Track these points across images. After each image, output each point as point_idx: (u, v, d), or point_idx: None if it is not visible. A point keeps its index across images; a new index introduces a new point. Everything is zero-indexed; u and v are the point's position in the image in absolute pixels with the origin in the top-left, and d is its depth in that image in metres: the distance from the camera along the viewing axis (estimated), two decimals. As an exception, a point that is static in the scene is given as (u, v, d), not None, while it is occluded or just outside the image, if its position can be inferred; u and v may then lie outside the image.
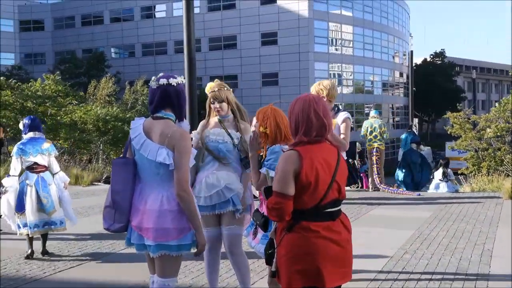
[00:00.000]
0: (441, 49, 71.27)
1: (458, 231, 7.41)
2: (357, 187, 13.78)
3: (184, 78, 4.10)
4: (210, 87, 4.36)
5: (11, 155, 6.62)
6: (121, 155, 3.52)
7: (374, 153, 12.04)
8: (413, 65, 62.69)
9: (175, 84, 3.28)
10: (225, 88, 4.29)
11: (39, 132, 6.56)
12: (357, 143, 16.02)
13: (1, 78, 20.92)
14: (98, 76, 36.31)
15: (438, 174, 12.47)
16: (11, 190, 6.50)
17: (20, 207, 6.36)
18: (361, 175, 15.04)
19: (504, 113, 16.58)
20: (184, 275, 5.53)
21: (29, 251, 6.39)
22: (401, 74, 59.71)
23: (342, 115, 5.23)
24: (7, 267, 6.04)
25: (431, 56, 69.93)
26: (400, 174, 13.17)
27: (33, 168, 6.44)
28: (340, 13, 50.57)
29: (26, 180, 6.40)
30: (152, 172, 3.23)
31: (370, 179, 12.33)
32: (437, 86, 62.18)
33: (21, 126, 6.66)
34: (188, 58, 10.99)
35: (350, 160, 5.70)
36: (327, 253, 2.81)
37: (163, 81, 3.29)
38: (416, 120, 41.79)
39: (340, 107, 5.44)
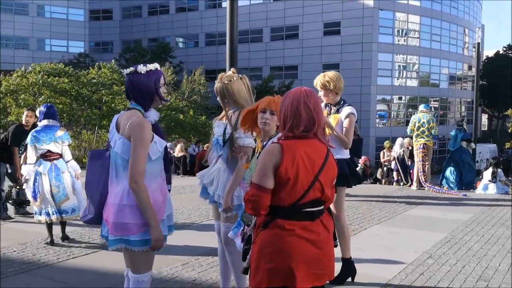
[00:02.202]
0: (515, 41, 67.75)
1: (494, 236, 6.93)
2: (402, 184, 13.31)
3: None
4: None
5: (25, 143, 6.72)
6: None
7: (421, 150, 11.54)
8: (484, 58, 59.85)
9: (126, 74, 3.23)
10: (225, 81, 4.10)
11: (53, 120, 6.63)
12: (406, 139, 15.45)
13: (60, 64, 21.66)
14: (162, 66, 37.07)
15: (487, 174, 11.77)
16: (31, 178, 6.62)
17: (34, 194, 6.48)
18: (410, 172, 14.53)
19: None
20: (192, 268, 5.48)
21: (49, 239, 6.51)
22: (469, 67, 57.21)
23: (346, 110, 4.87)
24: (25, 251, 6.19)
25: (504, 49, 66.58)
26: (447, 173, 12.57)
27: (46, 155, 6.52)
28: (407, 3, 48.96)
29: (40, 168, 6.48)
30: (119, 164, 3.21)
31: (415, 177, 11.84)
32: (509, 81, 59.17)
33: (37, 113, 6.77)
34: (230, 51, 10.82)
35: (355, 159, 5.36)
36: (301, 253, 2.69)
37: (124, 72, 3.27)
38: (482, 116, 39.95)
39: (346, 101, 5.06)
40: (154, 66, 3.22)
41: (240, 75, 4.14)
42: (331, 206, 4.80)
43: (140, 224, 3.10)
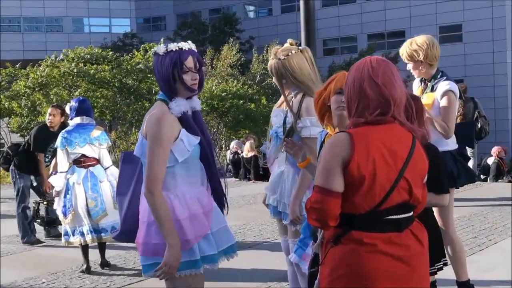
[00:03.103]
0: None
1: None
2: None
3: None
4: None
5: (55, 146, 6.98)
6: None
7: None
8: None
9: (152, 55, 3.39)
10: (282, 56, 4.13)
11: (88, 117, 6.84)
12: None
13: (96, 49, 22.48)
14: (226, 44, 37.57)
15: None
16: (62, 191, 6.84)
17: (64, 209, 6.71)
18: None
19: None
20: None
21: (85, 265, 6.74)
22: None
23: (443, 86, 4.72)
24: (57, 282, 6.50)
25: None
26: None
27: (80, 161, 6.73)
28: None
29: (73, 177, 6.70)
30: (143, 170, 3.33)
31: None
32: None
33: (67, 109, 7.01)
34: (305, 15, 10.70)
35: (466, 149, 5.21)
36: (387, 274, 2.66)
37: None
38: None
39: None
40: (177, 45, 3.29)
41: (299, 47, 4.13)
42: (436, 214, 4.70)
43: None
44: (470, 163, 12.16)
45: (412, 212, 2.78)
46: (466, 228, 7.85)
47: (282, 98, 4.30)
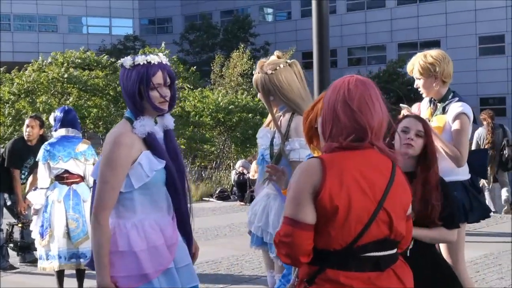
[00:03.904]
0: None
1: None
2: None
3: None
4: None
5: (35, 160, 7.04)
6: None
7: None
8: None
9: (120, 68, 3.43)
10: (269, 70, 4.18)
11: (73, 129, 6.89)
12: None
13: (88, 52, 22.61)
14: (236, 50, 37.62)
15: None
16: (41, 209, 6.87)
17: (42, 230, 6.71)
18: None
19: None
20: None
21: None
22: None
23: (456, 107, 4.72)
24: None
25: None
26: None
27: (63, 177, 6.78)
28: None
29: (53, 194, 6.73)
30: None
31: None
32: None
33: (51, 120, 7.07)
34: (318, 19, 10.70)
35: (478, 180, 5.25)
36: None
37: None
38: None
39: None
40: (145, 59, 3.30)
41: (288, 61, 4.19)
42: (443, 251, 4.69)
43: (133, 276, 3.22)
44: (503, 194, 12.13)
45: (395, 250, 2.78)
46: (492, 267, 7.82)
47: (269, 117, 4.34)
